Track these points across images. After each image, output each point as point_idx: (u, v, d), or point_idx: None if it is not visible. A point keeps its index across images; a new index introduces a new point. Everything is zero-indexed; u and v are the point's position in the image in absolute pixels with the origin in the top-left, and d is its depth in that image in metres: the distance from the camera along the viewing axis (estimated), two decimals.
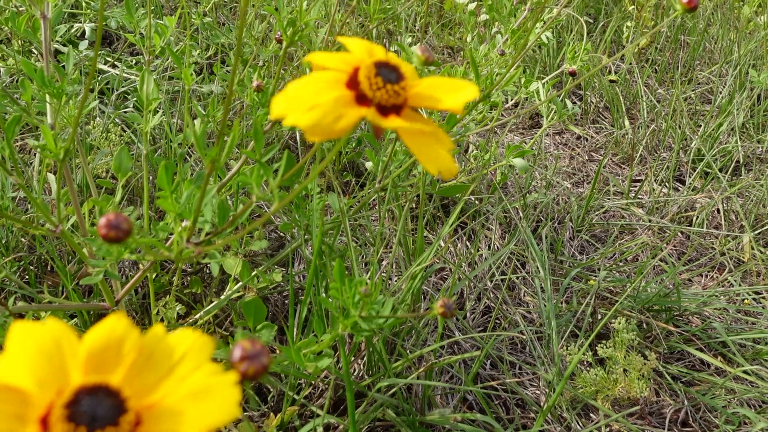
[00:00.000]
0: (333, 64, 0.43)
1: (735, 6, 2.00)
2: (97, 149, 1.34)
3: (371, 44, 0.47)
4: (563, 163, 1.66)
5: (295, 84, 0.42)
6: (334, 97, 0.40)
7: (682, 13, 0.82)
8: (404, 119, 0.42)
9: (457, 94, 0.44)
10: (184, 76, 0.95)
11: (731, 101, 1.62)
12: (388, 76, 0.41)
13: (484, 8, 1.85)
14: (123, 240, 0.43)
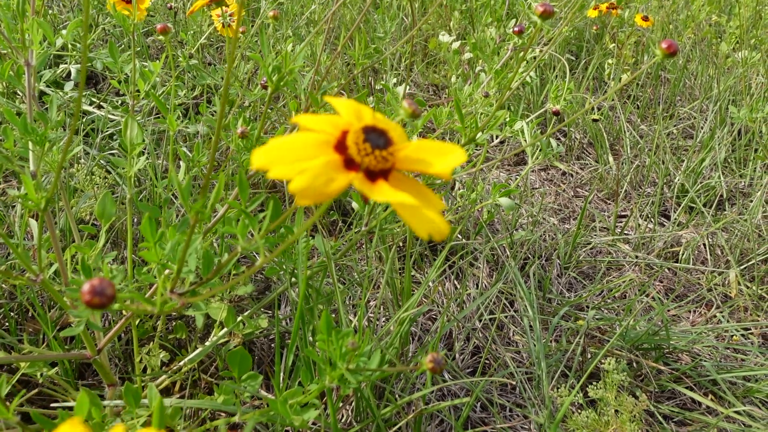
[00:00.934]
0: (320, 126, 0.43)
1: (713, 43, 2.05)
2: (81, 192, 1.33)
3: (359, 105, 0.47)
4: (549, 199, 1.66)
5: (279, 140, 0.42)
6: (324, 161, 0.40)
7: (662, 58, 0.83)
8: (393, 183, 0.42)
9: (446, 159, 0.44)
10: (169, 122, 0.95)
11: (713, 137, 1.65)
12: (376, 141, 0.41)
13: (468, 47, 1.88)
14: (107, 306, 0.42)
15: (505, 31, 1.91)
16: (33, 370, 1.00)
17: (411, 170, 0.43)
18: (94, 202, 1.28)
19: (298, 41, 1.84)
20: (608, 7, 1.72)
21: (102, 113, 1.64)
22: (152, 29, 2.07)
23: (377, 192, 0.38)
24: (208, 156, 0.98)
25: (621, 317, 1.26)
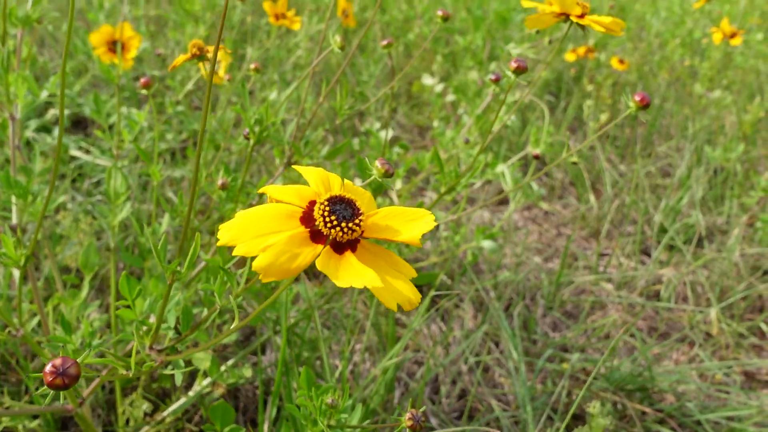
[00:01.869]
0: (287, 197, 0.45)
1: (687, 83, 2.10)
2: (67, 239, 1.33)
3: (327, 174, 0.49)
4: (533, 238, 1.69)
5: (246, 213, 0.43)
6: (289, 236, 0.41)
7: (635, 110, 0.86)
8: (360, 253, 0.43)
9: (414, 226, 0.45)
10: (152, 172, 0.96)
11: (690, 175, 1.68)
12: (343, 212, 0.43)
13: (451, 90, 1.92)
14: (71, 386, 0.42)
15: (487, 73, 1.95)
16: (14, 423, 0.99)
17: (379, 238, 0.45)
18: (80, 250, 1.29)
19: (284, 86, 1.87)
20: (586, 51, 1.77)
21: (90, 158, 1.65)
22: (145, 67, 2.10)
23: (342, 275, 0.39)
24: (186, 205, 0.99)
25: (605, 358, 1.27)
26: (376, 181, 0.59)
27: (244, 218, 0.43)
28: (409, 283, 0.44)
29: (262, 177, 1.02)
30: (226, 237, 0.41)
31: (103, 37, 1.31)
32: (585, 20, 0.83)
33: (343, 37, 0.83)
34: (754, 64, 2.05)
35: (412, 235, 0.44)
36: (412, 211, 0.46)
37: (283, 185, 0.46)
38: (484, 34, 1.94)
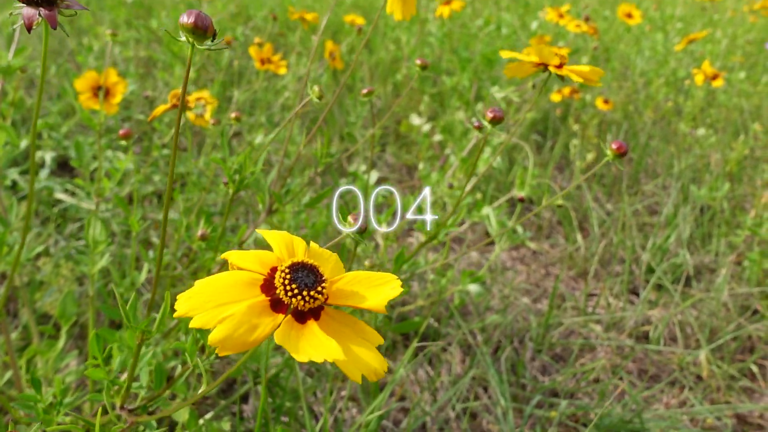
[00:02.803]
0: (249, 264, 0.44)
1: (672, 121, 2.12)
2: (48, 285, 1.31)
3: (292, 239, 0.48)
4: (521, 278, 1.67)
5: (205, 282, 0.42)
6: (247, 306, 0.40)
7: (612, 158, 0.86)
8: (324, 321, 0.42)
9: (381, 291, 0.44)
10: (131, 224, 0.96)
11: (676, 214, 1.68)
12: (305, 279, 0.42)
13: (438, 130, 1.93)
14: None
15: (473, 114, 1.97)
16: None
17: (344, 305, 0.44)
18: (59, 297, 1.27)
19: (272, 128, 1.88)
20: (571, 91, 1.79)
21: (74, 201, 1.65)
22: (132, 112, 2.11)
23: (302, 347, 0.38)
24: (171, 253, 0.98)
25: (595, 402, 1.25)
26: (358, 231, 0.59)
27: (203, 287, 0.42)
28: (374, 351, 0.43)
29: (243, 225, 1.02)
30: (183, 308, 0.40)
31: (88, 82, 1.32)
32: (563, 70, 0.84)
33: (322, 87, 0.83)
34: (737, 102, 2.07)
35: (377, 301, 0.43)
36: (378, 276, 0.45)
37: (245, 251, 0.45)
38: (470, 75, 1.96)
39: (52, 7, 0.54)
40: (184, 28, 0.48)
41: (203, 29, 0.48)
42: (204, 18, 0.48)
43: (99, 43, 2.23)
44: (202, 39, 0.49)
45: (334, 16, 2.58)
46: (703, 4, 2.65)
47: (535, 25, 2.01)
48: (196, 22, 0.47)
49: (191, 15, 0.48)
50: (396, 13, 0.85)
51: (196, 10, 0.49)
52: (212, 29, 0.49)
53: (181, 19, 0.48)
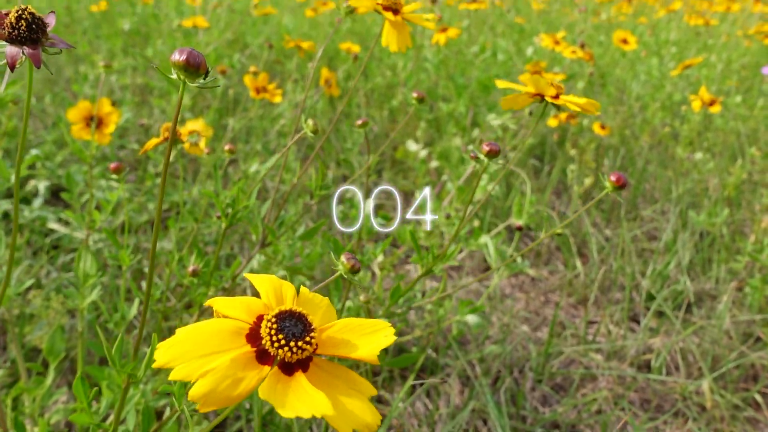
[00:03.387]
0: (235, 312, 0.42)
1: (669, 145, 2.12)
2: (38, 318, 1.29)
3: (281, 284, 0.46)
4: (520, 306, 1.65)
5: (188, 331, 0.40)
6: (231, 358, 0.38)
7: (612, 190, 0.85)
8: (312, 372, 0.40)
9: (373, 339, 0.42)
10: (121, 258, 0.94)
11: (676, 240, 1.67)
12: (292, 329, 0.40)
13: (435, 156, 1.92)
14: None
15: (470, 140, 1.96)
16: None
17: (334, 355, 0.42)
18: (48, 331, 1.24)
19: (267, 155, 1.87)
20: (568, 116, 1.79)
21: (67, 231, 1.63)
22: (126, 142, 2.10)
23: (289, 402, 0.36)
24: (162, 290, 0.96)
25: None
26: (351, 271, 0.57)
27: (185, 336, 0.40)
28: (367, 403, 0.41)
29: (236, 260, 1.00)
30: (164, 358, 0.38)
31: (81, 112, 1.31)
32: (560, 101, 0.83)
33: (316, 122, 0.82)
34: (734, 126, 2.07)
35: (369, 350, 0.41)
36: (371, 323, 0.43)
37: (231, 298, 0.43)
38: (466, 101, 1.95)
39: (36, 46, 0.53)
40: (176, 65, 0.47)
41: (195, 67, 0.47)
42: (196, 56, 0.47)
43: (95, 71, 2.23)
44: (194, 77, 0.47)
45: (330, 42, 2.58)
46: (698, 29, 2.67)
47: (531, 51, 2.02)
48: (188, 59, 0.46)
49: (183, 53, 0.47)
50: (392, 45, 0.84)
51: (188, 47, 0.48)
52: (204, 67, 0.47)
53: (173, 56, 0.47)
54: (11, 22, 0.51)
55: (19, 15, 0.50)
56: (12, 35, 0.51)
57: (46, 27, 0.54)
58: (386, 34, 0.85)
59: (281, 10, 3.23)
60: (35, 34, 0.53)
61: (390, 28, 0.85)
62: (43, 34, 0.54)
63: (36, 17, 0.53)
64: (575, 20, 2.97)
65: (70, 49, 0.56)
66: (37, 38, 0.53)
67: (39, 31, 0.53)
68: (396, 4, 0.86)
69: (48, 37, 0.54)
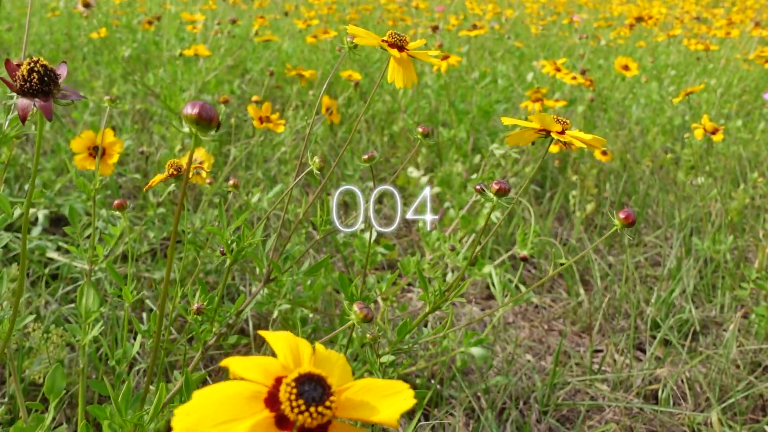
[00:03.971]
0: (251, 374, 0.41)
1: (671, 169, 2.12)
2: (37, 352, 1.27)
3: (297, 342, 0.45)
4: (523, 334, 1.64)
5: (205, 395, 0.39)
6: (251, 425, 0.37)
7: (620, 228, 0.84)
8: None
9: (392, 402, 0.41)
10: (124, 294, 0.92)
11: (679, 267, 1.66)
12: (311, 393, 0.39)
13: (436, 182, 1.92)
14: None
15: (471, 166, 1.96)
16: None
17: (353, 418, 0.41)
18: (49, 365, 1.23)
19: (268, 182, 1.87)
20: (567, 145, 1.79)
21: (66, 260, 1.61)
22: (126, 170, 2.09)
23: None
24: (165, 325, 0.95)
25: None
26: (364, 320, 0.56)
27: (203, 401, 0.38)
28: None
29: (241, 295, 0.99)
30: (182, 424, 0.37)
31: (84, 142, 1.30)
32: (566, 137, 0.82)
33: (322, 158, 0.82)
34: (735, 150, 2.07)
35: (389, 414, 0.40)
36: (390, 384, 0.42)
37: (247, 358, 0.42)
38: (467, 127, 1.96)
39: (47, 98, 0.52)
40: (188, 119, 0.46)
41: (208, 120, 0.46)
42: (209, 109, 0.46)
43: (95, 97, 2.23)
44: (206, 130, 0.47)
45: (330, 67, 2.59)
46: (698, 54, 2.69)
47: (531, 76, 2.03)
48: (200, 113, 0.46)
49: (195, 106, 0.46)
50: (397, 82, 0.84)
51: (200, 100, 0.47)
52: (217, 120, 0.47)
53: (185, 110, 0.46)
54: (23, 74, 0.51)
55: (31, 68, 0.50)
56: (24, 88, 0.51)
57: (58, 79, 0.54)
58: (392, 71, 0.85)
59: (281, 34, 3.25)
60: (47, 87, 0.53)
61: (395, 65, 0.85)
62: (55, 86, 0.53)
63: (48, 69, 0.52)
64: (574, 44, 2.99)
65: (70, 72, 0.55)
66: (49, 90, 0.52)
67: (51, 83, 0.53)
68: (401, 41, 0.86)
69: (60, 89, 0.54)
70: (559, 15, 4.33)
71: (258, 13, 3.63)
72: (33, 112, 0.49)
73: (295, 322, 1.35)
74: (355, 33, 0.82)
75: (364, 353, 1.11)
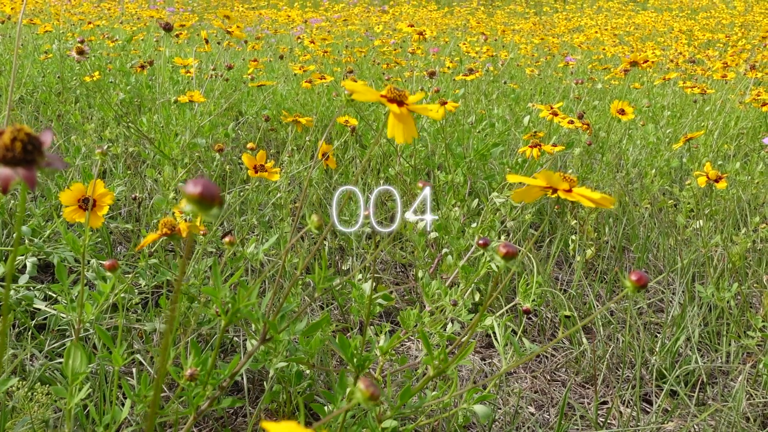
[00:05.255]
0: None
1: (670, 211, 2.10)
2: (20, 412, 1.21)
3: None
4: (525, 385, 1.59)
5: None
6: None
7: (632, 291, 0.81)
8: None
9: None
10: (114, 359, 0.88)
11: (683, 315, 1.63)
12: None
13: (434, 227, 1.89)
14: None
15: (468, 210, 1.94)
16: None
17: None
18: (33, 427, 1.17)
19: (263, 227, 1.83)
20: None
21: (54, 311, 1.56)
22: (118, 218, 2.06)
23: None
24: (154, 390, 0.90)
25: None
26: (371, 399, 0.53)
27: None
28: None
29: (235, 357, 0.94)
30: None
31: (74, 194, 1.27)
32: (573, 195, 0.80)
33: (321, 218, 0.78)
34: (735, 193, 2.06)
35: None
36: None
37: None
38: (464, 171, 1.94)
39: (31, 168, 0.49)
40: (190, 198, 0.43)
41: (210, 200, 0.43)
42: (211, 187, 0.43)
43: (88, 140, 2.20)
44: (208, 209, 0.43)
45: (325, 109, 2.59)
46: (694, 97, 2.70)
47: (527, 119, 2.02)
48: (203, 192, 0.43)
49: (198, 184, 0.43)
50: (398, 138, 0.81)
51: (202, 178, 0.44)
52: (219, 198, 0.44)
53: (187, 188, 0.43)
54: (5, 144, 0.47)
55: (13, 136, 0.47)
56: (6, 157, 0.48)
57: (42, 147, 0.50)
58: (391, 127, 0.82)
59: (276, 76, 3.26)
60: (30, 156, 0.49)
61: (395, 120, 0.82)
62: (39, 154, 0.50)
63: (32, 138, 0.49)
64: (569, 85, 3.01)
65: (63, 115, 0.52)
66: (32, 160, 0.49)
67: (35, 152, 0.50)
68: (401, 95, 0.84)
69: (44, 157, 0.51)
70: (553, 57, 4.37)
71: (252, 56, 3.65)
72: (15, 182, 0.46)
73: (291, 377, 1.30)
74: (353, 89, 0.80)
75: (364, 417, 1.06)
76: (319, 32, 5.46)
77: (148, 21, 5.68)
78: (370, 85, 3.05)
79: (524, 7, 11.68)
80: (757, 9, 10.38)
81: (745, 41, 5.29)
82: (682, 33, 7.09)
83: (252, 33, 5.37)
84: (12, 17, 4.07)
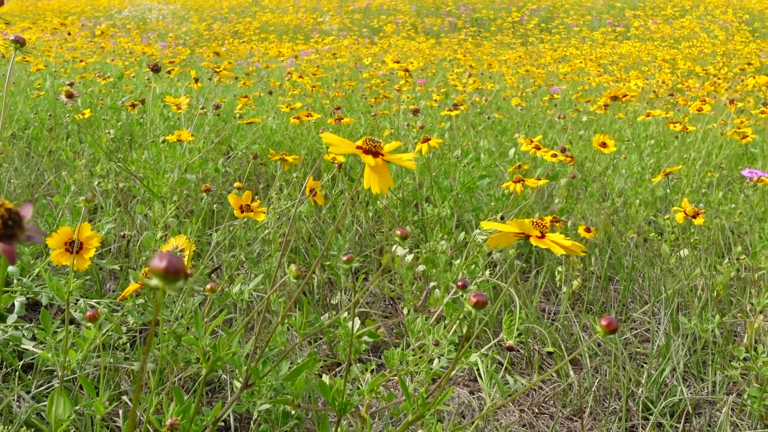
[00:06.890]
0: None
1: (655, 240, 2.13)
2: None
3: None
4: (513, 418, 1.59)
5: None
6: None
7: (603, 335, 0.83)
8: None
9: None
10: (96, 407, 0.89)
11: (668, 347, 1.64)
12: None
13: (421, 260, 1.91)
14: None
15: (455, 243, 1.96)
16: None
17: None
18: None
19: (251, 264, 1.84)
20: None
21: (40, 351, 1.56)
22: (106, 252, 2.07)
23: None
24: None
25: None
26: None
27: None
28: None
29: (218, 404, 0.95)
30: None
31: (61, 238, 1.28)
32: (545, 242, 0.82)
33: (300, 267, 0.80)
34: (718, 222, 2.09)
35: None
36: None
37: None
38: (451, 204, 1.96)
39: (11, 242, 0.50)
40: (155, 273, 0.45)
41: (175, 273, 0.45)
42: (176, 262, 0.45)
43: (78, 176, 2.22)
44: (173, 283, 0.45)
45: (314, 142, 2.62)
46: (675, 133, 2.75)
47: (513, 152, 2.05)
48: (167, 268, 0.44)
49: (163, 259, 0.45)
50: (374, 188, 0.84)
51: (168, 252, 0.46)
52: (184, 272, 0.45)
53: (152, 262, 0.45)
54: None
55: None
56: None
57: (22, 221, 0.52)
58: (367, 178, 0.84)
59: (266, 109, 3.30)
60: (11, 231, 0.51)
61: (370, 172, 0.84)
62: (19, 229, 0.52)
63: (12, 213, 0.51)
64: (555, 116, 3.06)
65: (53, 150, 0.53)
66: (12, 234, 0.51)
67: (15, 226, 0.51)
68: (376, 147, 0.86)
69: (24, 231, 0.52)
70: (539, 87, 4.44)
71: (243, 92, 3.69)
72: None
73: (277, 416, 1.30)
74: (330, 142, 0.82)
75: None
76: (309, 65, 5.52)
77: (140, 56, 5.74)
78: (358, 118, 3.09)
79: (511, 38, 11.86)
80: (738, 38, 10.57)
81: (726, 69, 5.39)
82: (665, 62, 7.21)
83: (243, 66, 5.43)
84: (5, 55, 4.12)
